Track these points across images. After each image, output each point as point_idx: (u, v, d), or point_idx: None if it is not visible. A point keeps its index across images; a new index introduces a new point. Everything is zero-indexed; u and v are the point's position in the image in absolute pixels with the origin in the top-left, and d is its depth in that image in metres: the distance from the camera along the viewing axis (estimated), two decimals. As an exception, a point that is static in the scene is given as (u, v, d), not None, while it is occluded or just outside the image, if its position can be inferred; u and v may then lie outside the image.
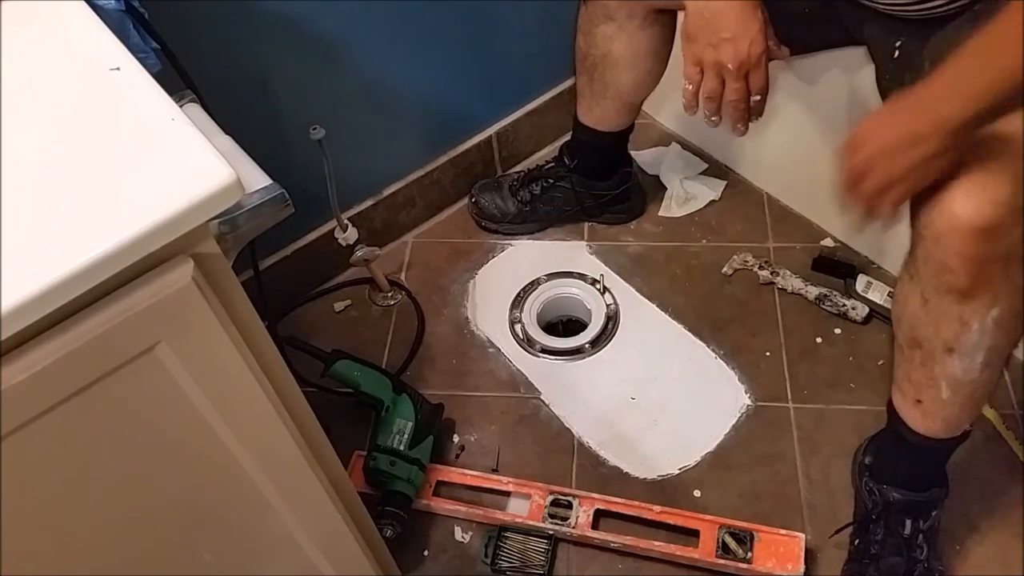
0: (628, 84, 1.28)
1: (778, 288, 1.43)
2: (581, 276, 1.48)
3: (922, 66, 0.93)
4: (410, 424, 1.22)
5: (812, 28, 1.13)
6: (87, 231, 0.51)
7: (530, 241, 1.55)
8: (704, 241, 1.52)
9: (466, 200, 1.59)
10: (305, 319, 1.47)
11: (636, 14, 1.20)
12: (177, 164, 0.55)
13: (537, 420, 1.32)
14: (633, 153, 1.53)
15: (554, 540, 1.18)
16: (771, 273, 1.43)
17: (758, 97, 1.06)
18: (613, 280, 1.47)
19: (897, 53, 0.99)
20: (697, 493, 1.23)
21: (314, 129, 1.14)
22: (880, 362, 1.33)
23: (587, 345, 1.40)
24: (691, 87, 1.07)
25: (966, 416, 0.99)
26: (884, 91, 1.03)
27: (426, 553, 1.21)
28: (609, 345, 1.40)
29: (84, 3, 0.67)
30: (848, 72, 1.26)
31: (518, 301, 1.46)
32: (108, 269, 0.52)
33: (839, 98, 1.31)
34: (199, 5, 1.08)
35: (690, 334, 1.39)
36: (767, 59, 1.04)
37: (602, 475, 1.25)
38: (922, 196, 0.82)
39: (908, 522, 1.08)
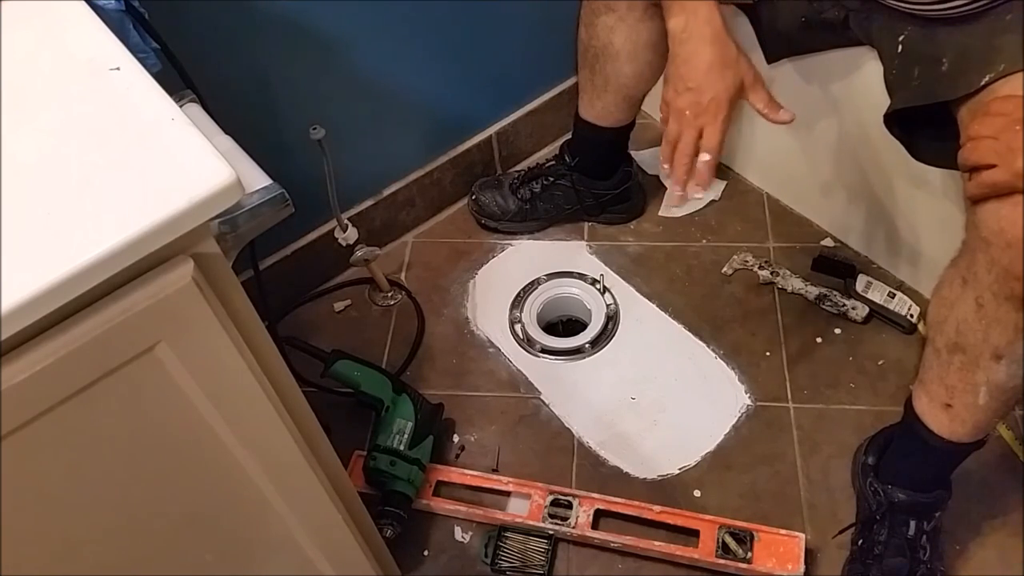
0: (629, 77, 1.29)
1: (778, 288, 1.43)
2: (581, 276, 1.48)
3: (938, 61, 0.93)
4: (410, 424, 1.22)
5: (809, 33, 1.13)
6: (87, 231, 0.51)
7: (530, 241, 1.55)
8: (704, 241, 1.52)
9: (466, 200, 1.59)
10: (305, 319, 1.47)
11: (637, 6, 1.20)
12: (177, 164, 0.55)
13: (537, 420, 1.32)
14: (633, 153, 1.53)
15: (554, 540, 1.18)
16: (771, 273, 1.43)
17: (707, 157, 1.03)
18: (613, 280, 1.47)
19: (900, 47, 0.99)
20: (697, 493, 1.22)
21: (314, 129, 1.14)
22: (880, 362, 1.33)
23: (587, 345, 1.40)
24: (663, 126, 1.08)
25: (995, 421, 0.99)
26: (891, 86, 1.02)
27: (426, 553, 1.21)
28: (609, 345, 1.40)
29: (84, 3, 0.67)
30: (848, 72, 1.26)
31: (518, 301, 1.46)
32: (108, 269, 0.51)
33: (839, 98, 1.31)
34: (199, 5, 1.08)
35: (690, 334, 1.39)
36: (727, 123, 1.02)
37: (602, 475, 1.25)
38: (989, 203, 0.82)
39: (912, 523, 1.08)
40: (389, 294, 1.49)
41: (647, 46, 1.24)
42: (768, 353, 1.36)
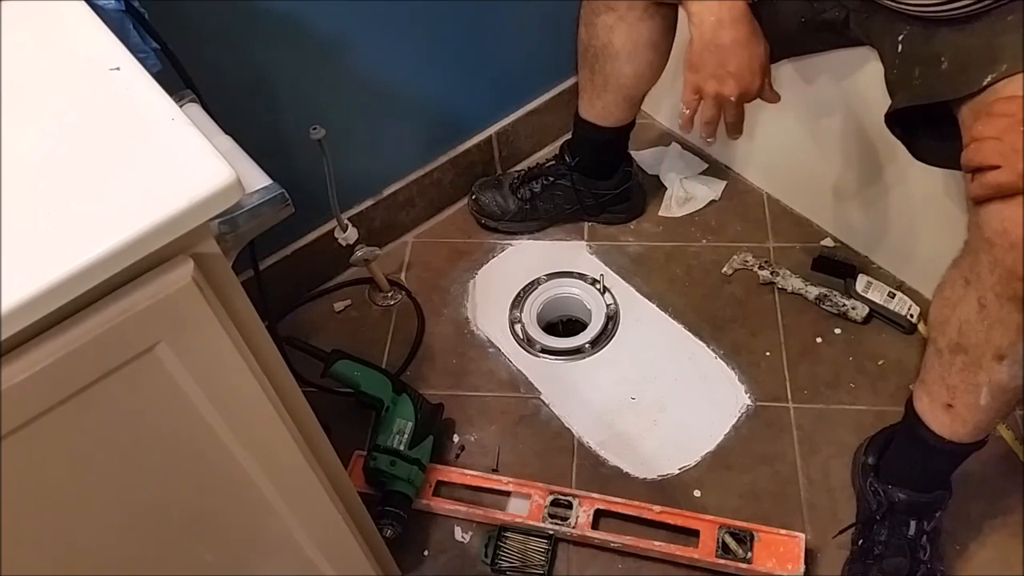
0: (629, 76, 1.29)
1: (778, 288, 1.43)
2: (581, 276, 1.48)
3: (938, 61, 0.93)
4: (410, 424, 1.22)
5: (809, 34, 1.13)
6: (87, 231, 0.51)
7: (530, 241, 1.55)
8: (704, 241, 1.52)
9: (466, 200, 1.59)
10: (305, 319, 1.47)
11: (637, 5, 1.20)
12: (177, 164, 0.55)
13: (537, 420, 1.32)
14: (633, 153, 1.53)
15: (554, 540, 1.18)
16: (771, 273, 1.43)
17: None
18: (613, 280, 1.47)
19: (900, 47, 0.99)
20: (697, 493, 1.22)
21: (314, 129, 1.14)
22: (880, 362, 1.33)
23: (587, 345, 1.40)
24: (688, 112, 1.10)
25: (996, 422, 0.99)
26: (891, 86, 1.02)
27: (426, 553, 1.21)
28: (609, 345, 1.40)
29: (84, 3, 0.67)
30: (847, 72, 1.26)
31: (518, 301, 1.46)
32: (108, 269, 0.51)
33: (838, 98, 1.31)
34: (199, 5, 1.08)
35: (690, 334, 1.39)
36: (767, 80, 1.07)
37: (602, 475, 1.25)
38: (993, 204, 0.82)
39: (912, 523, 1.08)
40: (389, 294, 1.49)
41: (647, 46, 1.24)
42: (768, 353, 1.36)
